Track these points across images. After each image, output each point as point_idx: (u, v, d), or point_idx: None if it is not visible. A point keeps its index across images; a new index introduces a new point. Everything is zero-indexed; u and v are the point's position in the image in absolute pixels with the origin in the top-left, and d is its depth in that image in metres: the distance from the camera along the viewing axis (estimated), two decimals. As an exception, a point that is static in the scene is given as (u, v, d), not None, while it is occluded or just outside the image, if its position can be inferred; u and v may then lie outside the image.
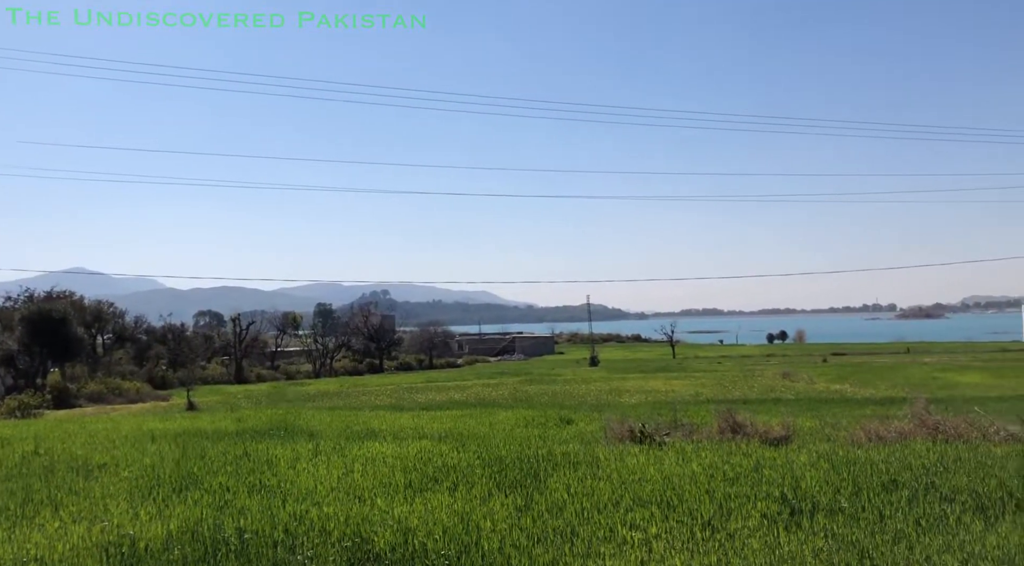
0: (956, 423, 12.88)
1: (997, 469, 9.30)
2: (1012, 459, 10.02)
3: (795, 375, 53.54)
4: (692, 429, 14.40)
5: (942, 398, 30.72)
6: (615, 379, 54.35)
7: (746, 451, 11.45)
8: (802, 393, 38.97)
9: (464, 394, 42.86)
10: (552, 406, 29.90)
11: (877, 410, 22.62)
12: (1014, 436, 12.49)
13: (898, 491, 8.48)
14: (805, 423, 18.82)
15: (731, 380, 49.77)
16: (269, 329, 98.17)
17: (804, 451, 11.35)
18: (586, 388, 45.00)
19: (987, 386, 41.76)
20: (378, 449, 13.21)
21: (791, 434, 13.26)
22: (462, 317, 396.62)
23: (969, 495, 8.14)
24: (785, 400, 33.12)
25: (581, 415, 22.79)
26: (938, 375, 50.52)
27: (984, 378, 47.18)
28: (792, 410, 26.34)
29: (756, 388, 42.69)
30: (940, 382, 44.99)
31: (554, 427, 19.46)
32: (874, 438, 12.78)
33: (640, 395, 38.74)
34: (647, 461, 10.75)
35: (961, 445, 11.59)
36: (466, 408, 29.28)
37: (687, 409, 24.15)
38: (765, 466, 9.98)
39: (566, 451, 12.08)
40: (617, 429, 13.95)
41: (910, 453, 10.74)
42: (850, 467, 9.74)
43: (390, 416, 23.65)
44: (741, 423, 13.61)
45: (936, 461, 10.02)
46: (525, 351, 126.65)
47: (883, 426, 13.33)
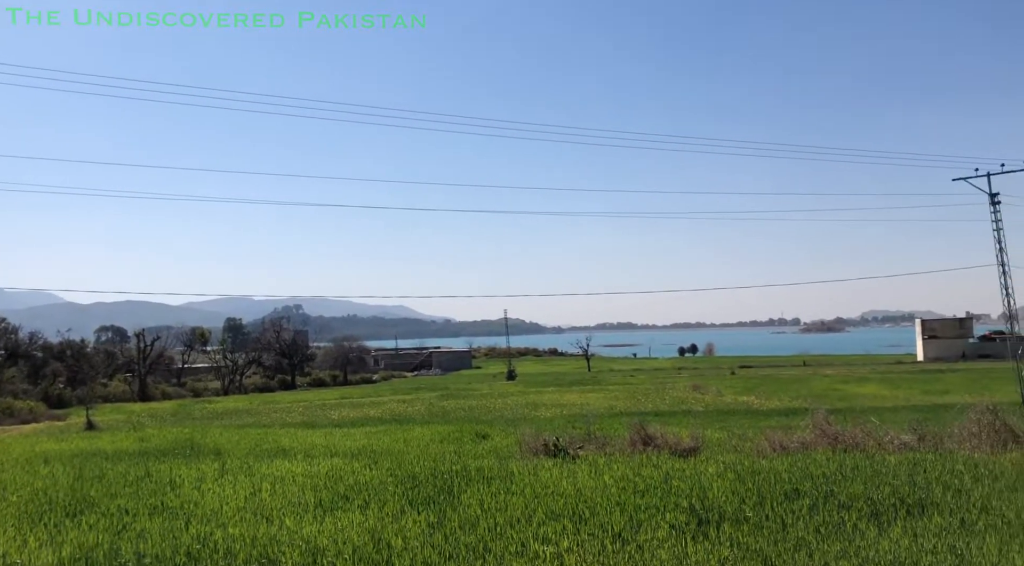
0: (854, 433, 13.45)
1: (890, 477, 9.73)
2: (904, 467, 10.51)
3: (705, 387, 54.93)
4: (605, 442, 14.60)
5: (842, 409, 32.03)
6: (531, 393, 54.64)
7: (656, 463, 11.67)
8: (711, 405, 40.00)
9: (379, 410, 42.31)
10: (468, 421, 29.82)
11: (781, 421, 23.38)
12: (906, 445, 13.11)
13: (800, 500, 8.77)
14: (713, 435, 19.32)
15: (644, 393, 50.69)
16: (176, 345, 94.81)
17: (712, 462, 11.64)
18: (503, 402, 45.06)
19: (883, 397, 43.76)
20: (288, 468, 12.90)
21: (700, 445, 13.59)
22: (379, 332, 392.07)
23: (865, 502, 8.49)
24: (695, 412, 33.89)
25: (497, 430, 22.80)
26: (838, 387, 52.66)
27: (880, 389, 49.44)
28: (701, 422, 26.96)
29: (668, 400, 43.60)
30: (840, 393, 46.91)
31: (470, 442, 19.42)
32: (778, 448, 13.22)
33: (556, 409, 39.04)
34: (561, 475, 10.83)
35: (858, 454, 12.10)
36: (381, 425, 28.92)
37: (601, 422, 24.44)
38: (675, 477, 10.19)
39: (481, 466, 12.07)
40: (532, 443, 14.02)
41: (811, 463, 11.14)
42: (755, 477, 10.03)
43: (301, 434, 23.14)
44: (652, 435, 13.87)
45: (835, 470, 10.42)
46: (442, 366, 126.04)
47: (786, 437, 13.80)
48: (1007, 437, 12.59)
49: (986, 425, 12.84)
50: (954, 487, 9.08)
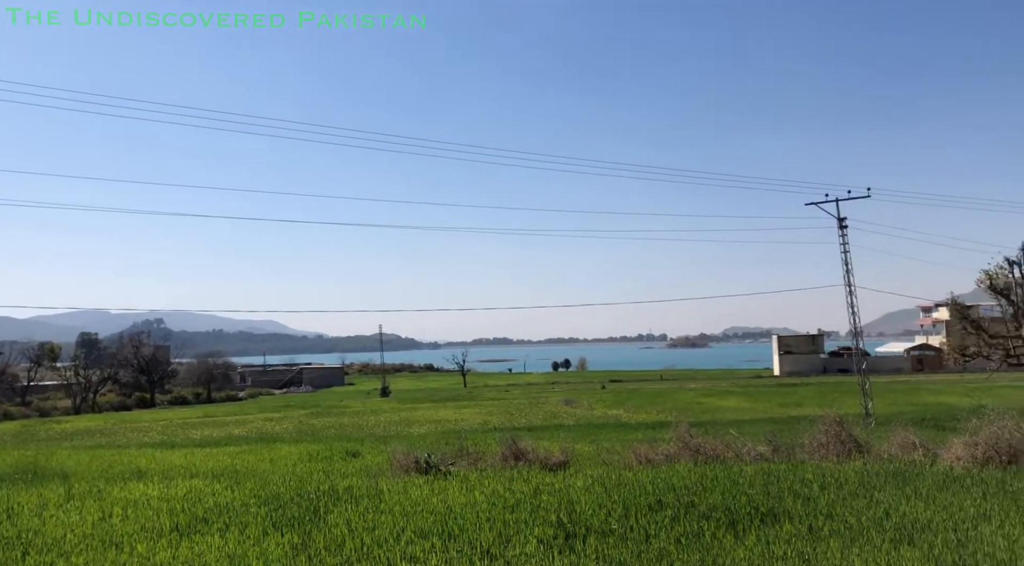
0: (715, 445, 14.02)
1: (747, 486, 10.19)
2: (759, 477, 11.03)
3: (577, 402, 56.00)
4: (477, 458, 14.59)
5: (705, 422, 33.38)
6: (405, 409, 54.06)
7: (527, 477, 11.75)
8: (582, 419, 40.81)
9: (244, 429, 40.74)
10: (339, 439, 29.16)
11: (648, 434, 24.11)
12: (762, 455, 13.78)
13: (663, 511, 9.03)
14: (584, 448, 19.69)
15: (518, 408, 51.14)
16: (21, 361, 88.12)
17: (581, 476, 11.84)
18: (375, 419, 44.36)
19: (743, 409, 45.96)
20: (142, 490, 12.17)
21: (569, 459, 13.80)
22: (247, 348, 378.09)
23: (723, 512, 8.83)
24: (567, 426, 34.48)
25: (368, 447, 22.40)
26: (702, 400, 54.88)
27: (741, 402, 51.90)
28: (572, 436, 27.46)
29: (541, 415, 44.15)
30: (703, 406, 48.91)
31: (340, 461, 18.97)
32: (644, 461, 13.60)
33: (430, 425, 38.78)
34: (431, 492, 10.73)
35: (718, 465, 12.61)
36: (246, 444, 27.84)
37: (475, 438, 24.44)
38: (544, 492, 10.29)
39: (349, 485, 11.79)
40: (403, 460, 13.83)
41: (674, 474, 11.51)
42: (621, 490, 10.27)
43: (160, 454, 21.96)
44: (524, 450, 13.97)
45: (696, 481, 10.80)
46: (313, 383, 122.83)
47: (652, 449, 14.23)
48: (851, 447, 13.45)
49: (833, 436, 13.68)
50: (804, 495, 9.59)
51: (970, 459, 12.19)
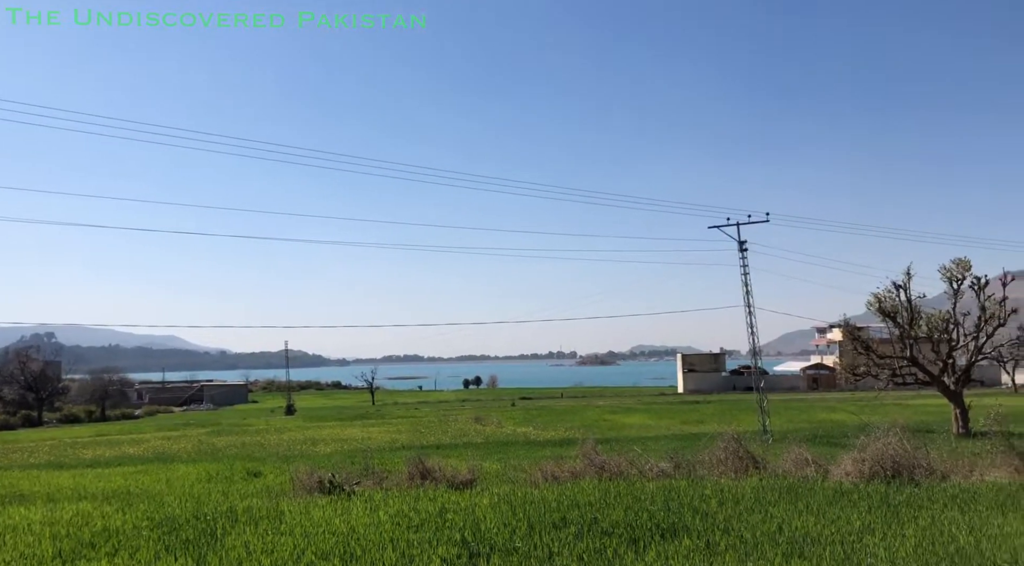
0: (618, 461, 14.25)
1: (648, 503, 10.40)
2: (661, 493, 11.27)
3: (486, 419, 55.97)
4: (383, 477, 14.41)
5: (611, 438, 33.89)
6: (311, 428, 52.88)
7: (433, 496, 11.67)
8: (492, 436, 40.80)
9: (140, 448, 39.07)
10: (240, 458, 28.29)
11: (556, 451, 24.32)
12: (664, 472, 14.09)
13: (567, 528, 9.11)
14: (492, 466, 19.71)
15: (427, 425, 50.75)
16: None
17: (487, 494, 11.84)
18: (279, 438, 43.23)
19: (647, 426, 46.87)
20: (23, 515, 11.50)
21: (476, 477, 13.78)
22: (145, 364, 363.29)
23: (625, 528, 8.98)
24: (476, 444, 34.41)
25: (271, 467, 21.82)
26: (608, 417, 55.68)
27: (646, 419, 52.91)
28: (481, 453, 27.46)
29: (450, 433, 43.93)
30: (610, 423, 49.62)
31: (240, 481, 18.42)
32: (550, 478, 13.71)
33: (336, 444, 38.05)
34: (334, 512, 10.53)
35: (622, 482, 12.82)
36: (141, 464, 26.71)
37: (382, 456, 24.13)
38: (449, 510, 10.24)
39: (249, 506, 11.45)
40: (306, 480, 13.54)
41: (579, 491, 11.65)
42: (526, 507, 10.32)
43: (46, 476, 20.82)
44: (430, 468, 13.88)
45: (600, 498, 10.96)
46: (215, 400, 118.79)
47: (558, 466, 14.36)
48: (748, 463, 13.90)
49: (731, 453, 14.12)
50: (702, 511, 9.85)
51: (858, 474, 12.77)
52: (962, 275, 38.60)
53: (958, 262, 38.55)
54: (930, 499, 10.58)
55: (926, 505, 10.13)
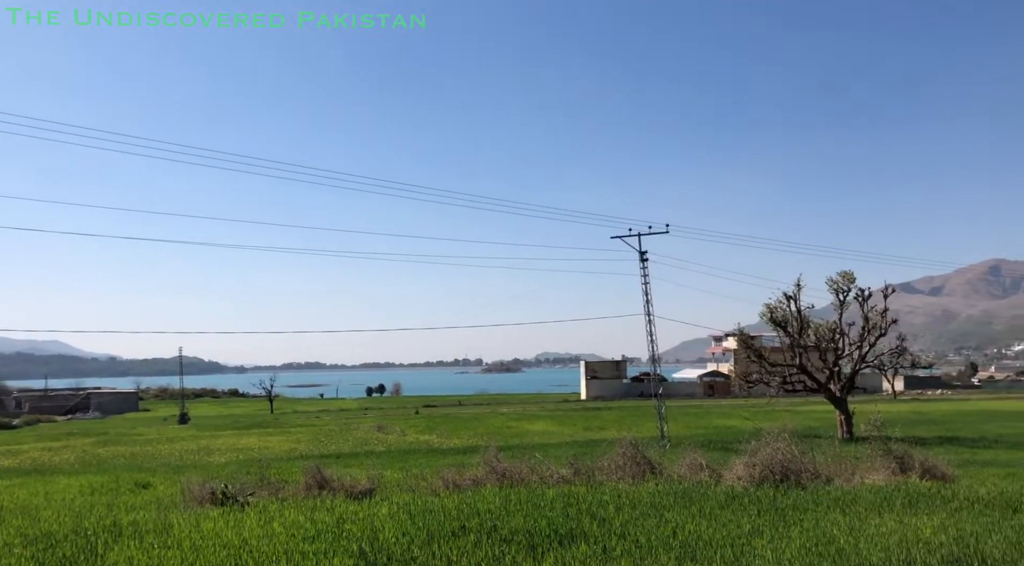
0: (520, 468, 14.32)
1: (548, 509, 10.48)
2: (560, 499, 11.38)
3: (389, 427, 55.30)
4: (279, 487, 14.04)
5: (514, 445, 34.07)
6: (205, 437, 51.04)
7: (331, 506, 11.44)
8: (394, 445, 40.35)
9: (17, 460, 36.83)
10: (128, 470, 27.06)
11: (458, 459, 24.26)
12: (565, 478, 14.24)
13: (466, 536, 9.08)
14: (393, 475, 19.47)
15: (327, 434, 49.75)
16: None
17: (386, 503, 11.68)
18: (171, 448, 41.56)
19: (551, 433, 47.31)
20: None
21: (376, 487, 13.59)
22: (26, 370, 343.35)
23: (524, 535, 9.02)
24: (377, 452, 33.96)
25: (161, 478, 20.95)
26: (512, 424, 55.91)
27: (549, 426, 53.39)
28: (382, 462, 27.11)
29: (351, 441, 43.21)
30: (514, 431, 49.85)
31: (127, 493, 17.62)
32: (451, 486, 13.65)
33: (232, 453, 36.85)
34: (226, 524, 10.17)
35: (522, 488, 12.89)
36: (17, 476, 25.18)
37: (279, 466, 23.52)
38: (347, 520, 10.05)
39: (135, 519, 10.95)
40: (197, 491, 13.04)
41: (480, 499, 11.63)
42: (426, 516, 10.23)
43: (-92, 491, 19.34)
44: (328, 478, 13.61)
45: (501, 505, 10.98)
46: (103, 408, 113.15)
47: (459, 474, 14.31)
48: (645, 468, 14.21)
49: (629, 458, 14.39)
50: (600, 516, 10.00)
51: (749, 478, 13.23)
52: (847, 287, 40.70)
53: (844, 275, 40.62)
54: (815, 502, 11.05)
55: (811, 508, 10.58)
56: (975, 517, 9.69)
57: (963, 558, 7.33)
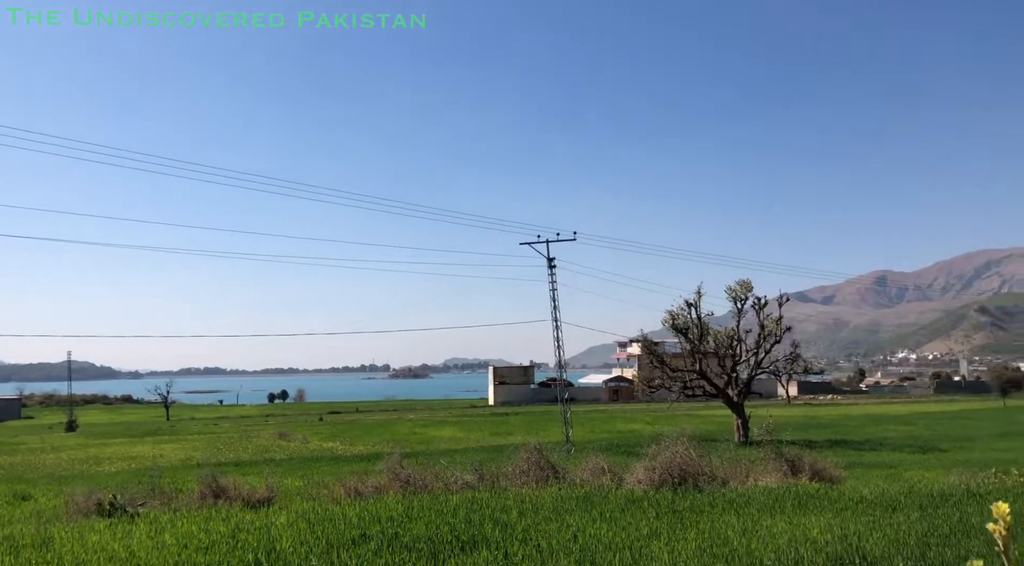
0: (424, 475, 14.22)
1: (451, 516, 10.43)
2: (463, 505, 11.34)
3: (291, 435, 54.07)
4: (172, 496, 13.51)
5: (420, 452, 33.83)
6: (94, 446, 48.72)
7: (226, 516, 11.08)
8: (296, 453, 39.47)
9: None
10: (7, 480, 25.56)
11: (362, 466, 23.90)
12: (469, 484, 14.21)
13: (367, 544, 8.94)
14: (293, 483, 19.04)
15: (226, 442, 48.26)
16: None
17: (285, 512, 11.39)
18: (56, 457, 39.48)
19: (457, 439, 47.23)
20: None
21: (275, 495, 13.25)
22: None
23: (426, 542, 8.94)
24: (278, 460, 33.16)
25: (43, 489, 19.88)
26: (419, 431, 55.56)
27: (456, 432, 53.30)
28: (283, 470, 26.49)
29: (251, 449, 42.05)
30: (420, 437, 49.52)
31: (5, 506, 16.65)
32: (353, 494, 13.43)
33: (123, 462, 35.29)
34: (113, 536, 9.71)
35: (426, 495, 12.79)
36: None
37: (173, 475, 22.69)
38: (243, 530, 9.75)
39: (11, 534, 10.32)
40: (82, 503, 12.42)
41: (382, 506, 11.48)
42: (325, 524, 10.02)
43: None
44: (224, 487, 13.18)
45: (403, 512, 10.86)
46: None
47: (362, 482, 14.10)
48: (549, 473, 14.33)
49: (533, 463, 14.49)
50: (503, 522, 10.01)
51: (649, 481, 13.51)
52: (745, 295, 42.21)
53: (742, 284, 42.11)
54: (711, 504, 11.37)
55: (707, 510, 10.88)
56: (858, 516, 10.16)
57: (845, 556, 7.67)
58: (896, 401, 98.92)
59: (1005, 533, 1.97)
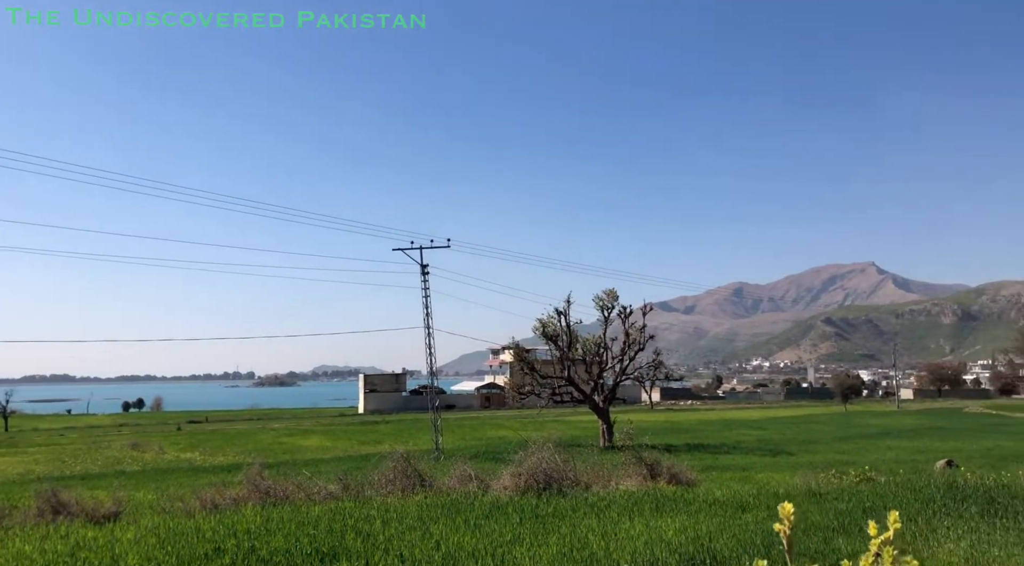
0: (285, 486, 13.80)
1: (312, 527, 10.16)
2: (325, 516, 11.09)
3: (145, 445, 51.22)
4: (5, 514, 12.50)
5: (284, 462, 32.84)
6: (-83, 461, 44.46)
7: (66, 533, 10.36)
8: (150, 464, 37.45)
9: None
10: None
11: (222, 477, 22.90)
12: (333, 494, 13.91)
13: (221, 558, 8.58)
14: (146, 496, 18.05)
15: (73, 454, 45.15)
16: None
17: (133, 527, 10.77)
18: None
19: (325, 448, 46.13)
20: None
21: (123, 509, 12.52)
22: None
23: (284, 555, 8.67)
24: (130, 472, 31.38)
25: None
26: (284, 440, 53.90)
27: (323, 441, 52.04)
28: (135, 483, 25.09)
29: (100, 461, 39.57)
30: (286, 447, 48.04)
31: None
32: (209, 506, 12.86)
33: (-49, 478, 32.36)
34: (-69, 561, 8.89)
35: (287, 507, 12.42)
36: None
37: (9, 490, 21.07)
38: (84, 548, 9.15)
39: None
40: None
41: (239, 519, 11.05)
42: (177, 539, 9.54)
43: None
44: (66, 502, 12.33)
45: (261, 524, 10.49)
46: None
47: (219, 494, 13.53)
48: (416, 481, 14.22)
49: (400, 472, 14.34)
50: (365, 532, 9.84)
51: (514, 487, 13.64)
52: (612, 304, 43.47)
53: (608, 293, 43.37)
54: (573, 508, 11.60)
55: (569, 514, 11.09)
56: (710, 518, 10.62)
57: (697, 556, 8.00)
58: (750, 406, 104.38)
59: (789, 532, 2.11)
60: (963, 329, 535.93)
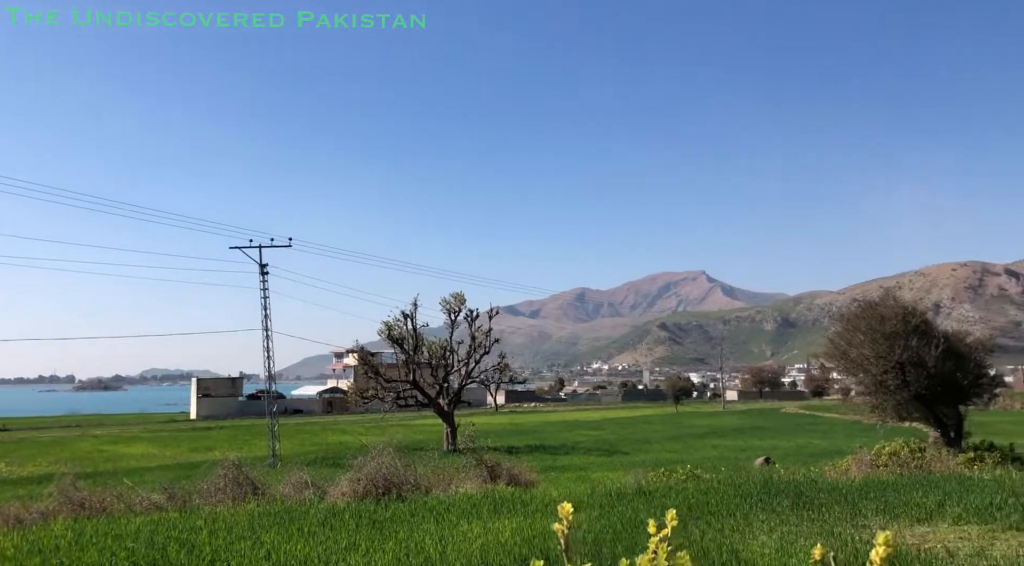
0: (103, 497, 12.88)
1: (130, 540, 9.51)
2: (147, 527, 10.42)
3: (-57, 457, 46.36)
4: None
5: (105, 471, 30.69)
6: None
7: None
8: (-53, 477, 33.88)
9: None
10: None
11: (31, 490, 21.09)
12: (157, 504, 13.11)
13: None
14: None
15: None
16: None
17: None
18: None
19: (152, 456, 43.47)
20: None
21: (-92, 530, 11.23)
22: None
23: (97, 571, 8.08)
24: (-78, 488, 28.21)
25: None
26: (107, 448, 50.37)
27: (150, 448, 49.04)
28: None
29: None
30: (108, 455, 44.88)
31: None
32: (13, 522, 11.78)
33: None
34: None
35: (104, 519, 11.58)
36: None
37: None
38: None
39: None
40: None
41: (47, 534, 10.19)
42: (-29, 560, 8.68)
43: None
44: None
45: (73, 539, 9.72)
46: None
47: (25, 508, 12.45)
48: (248, 489, 13.65)
49: (231, 480, 13.73)
50: (190, 543, 9.33)
51: (353, 494, 13.39)
52: (459, 307, 43.66)
53: (456, 296, 43.54)
54: (412, 513, 11.52)
55: (407, 519, 11.01)
56: (545, 518, 10.85)
57: (530, 556, 8.14)
58: (589, 408, 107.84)
59: (567, 532, 2.15)
60: (783, 335, 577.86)
